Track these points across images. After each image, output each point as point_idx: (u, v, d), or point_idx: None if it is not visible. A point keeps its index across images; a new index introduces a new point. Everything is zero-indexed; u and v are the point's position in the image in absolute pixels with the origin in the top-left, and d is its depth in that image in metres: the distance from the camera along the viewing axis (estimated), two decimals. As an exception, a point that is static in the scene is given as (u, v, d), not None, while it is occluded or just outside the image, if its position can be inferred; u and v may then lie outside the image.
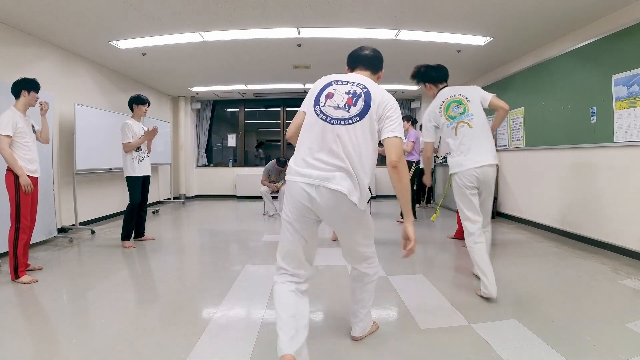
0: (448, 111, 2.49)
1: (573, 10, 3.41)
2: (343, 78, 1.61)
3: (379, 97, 1.53)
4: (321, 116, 1.52)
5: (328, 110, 1.53)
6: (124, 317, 2.12)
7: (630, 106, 3.16)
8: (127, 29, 3.88)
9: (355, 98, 1.53)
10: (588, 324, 1.93)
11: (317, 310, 2.20)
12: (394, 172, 1.49)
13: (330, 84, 1.60)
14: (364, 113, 1.50)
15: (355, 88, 1.55)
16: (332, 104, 1.53)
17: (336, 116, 1.51)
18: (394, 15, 3.63)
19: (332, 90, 1.57)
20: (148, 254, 3.57)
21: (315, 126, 1.52)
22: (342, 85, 1.57)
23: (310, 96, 1.62)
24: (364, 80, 1.59)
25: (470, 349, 1.71)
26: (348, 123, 1.49)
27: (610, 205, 3.42)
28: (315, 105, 1.56)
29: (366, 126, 1.50)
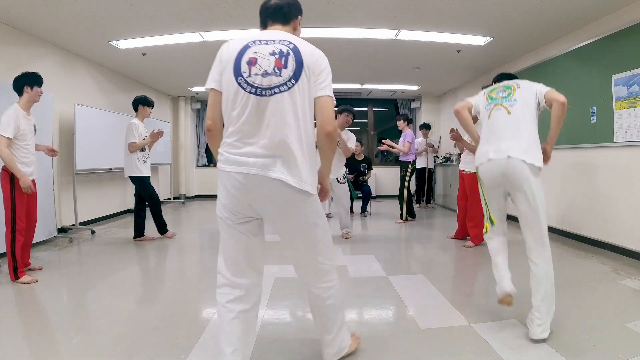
0: (492, 92, 2.05)
1: (573, 10, 3.41)
2: (260, 37, 1.32)
3: (308, 52, 1.30)
4: (249, 89, 1.23)
5: (256, 79, 1.24)
6: (124, 317, 2.12)
7: (630, 106, 3.16)
8: (127, 29, 3.88)
9: (283, 58, 1.25)
10: (588, 324, 1.93)
11: (317, 310, 2.20)
12: (327, 140, 1.30)
13: (247, 46, 1.29)
14: (298, 74, 1.25)
15: (279, 46, 1.28)
16: (258, 70, 1.24)
17: (267, 85, 1.23)
18: (394, 15, 3.63)
19: (253, 54, 1.27)
20: (148, 254, 3.57)
21: (243, 102, 1.24)
22: (263, 46, 1.28)
23: (222, 66, 1.30)
24: (285, 35, 1.34)
25: (470, 349, 1.71)
26: (284, 90, 1.23)
27: (610, 205, 3.42)
28: (238, 77, 1.25)
29: (304, 89, 1.26)
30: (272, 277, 2.76)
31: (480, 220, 3.68)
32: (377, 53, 4.86)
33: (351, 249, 3.74)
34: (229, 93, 1.27)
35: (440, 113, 7.99)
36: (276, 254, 3.53)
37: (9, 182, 2.65)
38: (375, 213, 5.84)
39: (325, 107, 1.29)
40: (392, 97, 8.12)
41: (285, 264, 3.18)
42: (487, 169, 1.98)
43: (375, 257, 3.32)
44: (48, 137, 3.90)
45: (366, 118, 8.47)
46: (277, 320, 2.08)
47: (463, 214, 3.85)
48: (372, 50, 4.77)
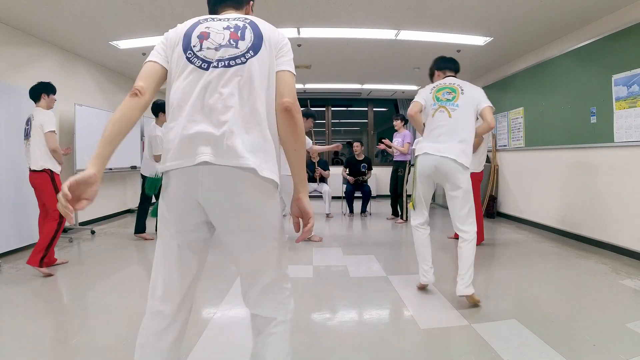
0: (438, 93, 2.36)
1: (573, 10, 3.41)
2: (214, 16, 1.22)
3: (267, 27, 1.18)
4: (199, 63, 1.08)
5: (208, 53, 1.08)
6: (124, 317, 2.12)
7: (630, 106, 3.16)
8: (127, 29, 3.88)
9: (239, 31, 1.12)
10: (588, 324, 1.93)
11: (318, 311, 2.20)
12: (285, 116, 1.07)
13: (198, 22, 1.18)
14: (257, 45, 1.10)
15: (234, 22, 1.16)
16: (211, 44, 1.09)
17: (221, 57, 1.07)
18: (394, 15, 3.63)
19: (205, 29, 1.14)
20: (148, 254, 3.57)
21: (192, 78, 1.07)
22: (216, 22, 1.16)
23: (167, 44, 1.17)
24: (240, 15, 1.23)
25: (470, 349, 1.71)
26: (241, 62, 1.07)
27: (610, 205, 3.42)
28: (187, 51, 1.10)
29: (265, 61, 1.09)
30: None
31: (479, 220, 3.69)
32: (377, 53, 4.86)
33: (351, 249, 3.74)
34: (177, 69, 1.11)
35: (440, 113, 7.98)
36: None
37: (50, 180, 2.85)
38: (375, 213, 5.84)
39: (285, 80, 1.11)
40: (392, 97, 8.11)
41: (285, 264, 3.19)
42: (423, 161, 2.34)
43: (375, 257, 3.32)
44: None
45: (366, 118, 8.47)
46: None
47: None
48: (372, 50, 4.77)
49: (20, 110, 3.52)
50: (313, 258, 3.32)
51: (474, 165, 3.66)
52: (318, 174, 5.54)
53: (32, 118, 2.89)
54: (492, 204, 5.34)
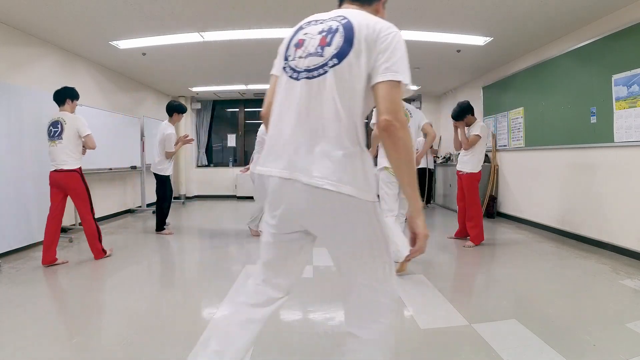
0: None
1: (573, 10, 3.41)
2: (318, 17, 1.12)
3: (365, 24, 1.02)
4: (290, 73, 1.06)
5: (298, 62, 1.05)
6: (123, 317, 2.12)
7: (630, 106, 3.16)
8: (127, 29, 3.88)
9: (330, 35, 1.03)
10: (588, 324, 1.93)
11: (318, 311, 2.20)
12: (386, 134, 0.97)
13: (300, 28, 1.12)
14: (343, 52, 1.00)
15: (330, 23, 1.05)
16: (302, 53, 1.06)
17: (306, 66, 1.03)
18: (394, 15, 3.60)
19: (303, 35, 1.09)
20: (148, 255, 3.57)
21: (284, 90, 1.07)
22: (315, 26, 1.09)
23: (279, 51, 1.17)
24: (344, 12, 1.09)
25: (470, 349, 1.71)
26: (323, 72, 1.00)
27: (610, 205, 3.42)
28: (284, 61, 1.10)
29: (350, 70, 1.00)
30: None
31: (479, 220, 3.69)
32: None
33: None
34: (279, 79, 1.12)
35: (440, 113, 7.98)
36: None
37: (81, 179, 3.11)
38: (375, 213, 5.83)
39: (385, 94, 0.98)
40: (392, 97, 8.11)
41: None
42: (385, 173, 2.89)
43: (375, 257, 3.31)
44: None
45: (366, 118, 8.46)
46: (277, 320, 2.08)
47: (463, 214, 3.85)
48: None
49: (20, 110, 3.53)
50: (313, 258, 3.32)
51: (472, 166, 3.67)
52: None
53: (64, 122, 3.07)
54: (492, 204, 5.34)
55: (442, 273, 2.97)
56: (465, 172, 3.72)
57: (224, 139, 8.82)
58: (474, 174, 3.67)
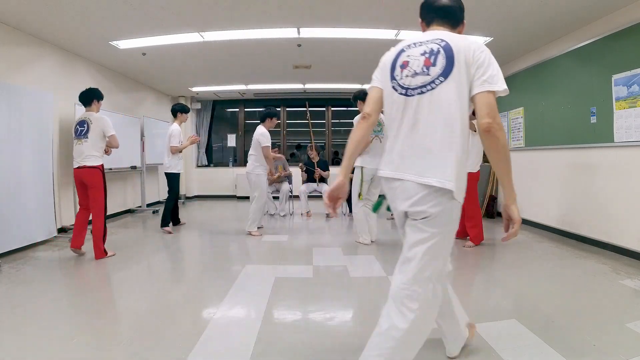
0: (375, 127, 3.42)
1: (573, 10, 3.41)
2: (415, 40, 1.34)
3: (462, 45, 1.23)
4: (400, 91, 1.28)
5: (406, 81, 1.27)
6: (124, 317, 2.12)
7: (630, 106, 3.16)
8: (127, 29, 3.88)
9: (433, 56, 1.24)
10: (588, 324, 1.93)
11: (318, 311, 2.20)
12: (486, 137, 1.18)
13: (402, 50, 1.34)
14: (448, 70, 1.21)
15: (431, 45, 1.27)
16: (409, 72, 1.27)
17: (416, 84, 1.24)
18: (394, 15, 3.63)
19: (406, 57, 1.30)
20: (148, 255, 3.57)
21: (396, 105, 1.29)
22: (416, 48, 1.30)
23: (381, 70, 1.39)
24: (440, 34, 1.30)
25: (471, 349, 1.71)
26: (432, 88, 1.22)
27: (610, 205, 3.42)
28: (392, 81, 1.31)
29: (455, 85, 1.21)
30: (272, 277, 2.76)
31: (479, 220, 3.69)
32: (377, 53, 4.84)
33: (351, 249, 3.74)
34: (386, 97, 1.35)
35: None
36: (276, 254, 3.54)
37: (102, 175, 3.30)
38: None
39: (483, 103, 1.20)
40: (392, 97, 8.11)
41: (285, 264, 3.19)
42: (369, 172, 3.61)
43: (375, 257, 3.32)
44: (48, 137, 3.90)
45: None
46: (277, 320, 2.08)
47: (463, 214, 3.84)
48: (372, 50, 4.77)
49: (20, 110, 3.52)
50: (313, 258, 3.32)
51: (470, 165, 3.67)
52: (317, 174, 5.55)
53: (90, 122, 3.25)
54: (492, 204, 5.34)
55: (442, 273, 2.97)
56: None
57: (224, 139, 8.83)
58: (472, 174, 3.67)
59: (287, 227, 4.85)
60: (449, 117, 1.20)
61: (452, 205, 1.23)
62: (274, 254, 3.51)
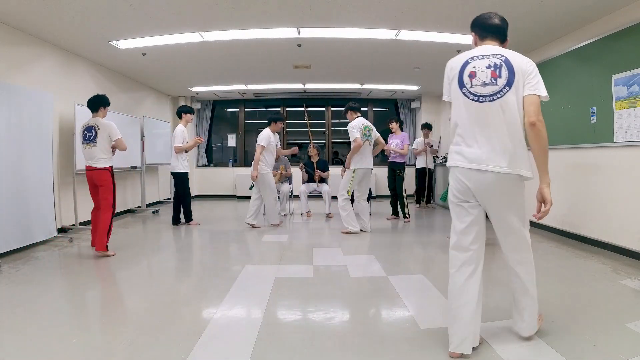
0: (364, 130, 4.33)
1: (573, 10, 3.41)
2: (477, 53, 1.62)
3: (518, 61, 1.55)
4: (472, 97, 1.55)
5: (477, 89, 1.55)
6: (124, 317, 2.12)
7: (630, 106, 3.16)
8: (127, 29, 3.88)
9: (497, 69, 1.54)
10: (588, 324, 1.93)
11: (318, 311, 2.20)
12: (531, 130, 1.50)
13: (467, 62, 1.61)
14: (511, 81, 1.52)
15: (493, 60, 1.56)
16: (478, 82, 1.55)
17: (486, 93, 1.53)
18: (394, 15, 3.63)
19: (473, 68, 1.58)
20: (148, 255, 3.57)
21: (469, 109, 1.56)
22: (480, 61, 1.58)
23: (448, 81, 1.67)
24: (498, 50, 1.61)
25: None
26: (500, 96, 1.51)
27: (610, 205, 3.42)
28: (462, 88, 1.58)
29: (516, 92, 1.52)
30: (272, 277, 2.76)
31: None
32: (377, 53, 4.86)
33: (351, 249, 3.75)
34: (457, 102, 1.61)
35: (440, 113, 7.99)
36: (276, 254, 3.54)
37: (111, 176, 3.48)
38: (375, 213, 5.84)
39: (530, 102, 1.50)
40: (392, 97, 8.12)
41: (286, 264, 3.19)
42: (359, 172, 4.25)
43: (375, 257, 3.32)
44: (48, 137, 3.90)
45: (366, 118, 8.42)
46: (277, 320, 2.08)
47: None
48: (372, 50, 4.77)
49: (20, 110, 3.52)
50: (313, 258, 3.32)
51: None
52: (317, 175, 5.55)
53: (97, 127, 3.44)
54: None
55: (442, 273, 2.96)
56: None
57: (224, 139, 8.83)
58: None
59: (287, 227, 4.85)
60: (514, 118, 1.51)
61: (522, 185, 1.59)
62: (274, 254, 3.51)
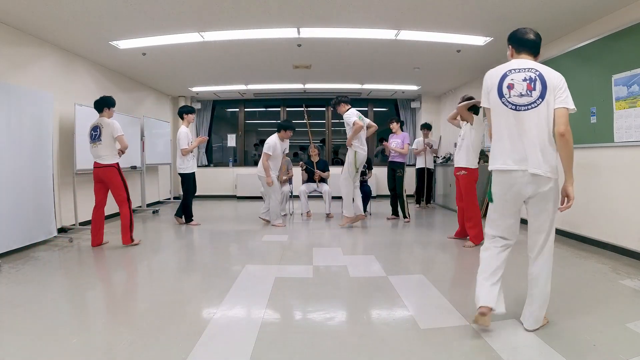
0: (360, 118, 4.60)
1: (573, 10, 3.41)
2: (514, 66, 1.82)
3: (550, 75, 1.77)
4: (510, 106, 1.78)
5: (515, 99, 1.77)
6: (123, 317, 2.12)
7: (630, 106, 3.16)
8: (127, 29, 3.88)
9: (532, 83, 1.76)
10: (588, 324, 1.93)
11: (318, 311, 2.20)
12: (561, 139, 1.71)
13: (505, 74, 1.81)
14: (544, 94, 1.74)
15: (529, 74, 1.77)
16: (515, 93, 1.77)
17: (523, 103, 1.75)
18: (394, 15, 3.63)
19: (511, 80, 1.79)
20: (148, 255, 3.57)
21: (508, 117, 1.79)
22: (517, 74, 1.79)
23: (488, 91, 1.87)
24: (533, 64, 1.81)
25: (470, 349, 1.71)
26: (534, 106, 1.74)
27: (610, 205, 3.42)
28: (501, 98, 1.80)
29: (548, 104, 1.73)
30: (272, 277, 2.76)
31: (478, 220, 3.69)
32: (377, 53, 4.86)
33: (351, 249, 3.75)
34: (496, 110, 1.83)
35: (440, 113, 7.99)
36: (276, 254, 3.54)
37: (117, 172, 3.66)
38: (375, 213, 5.84)
39: (560, 115, 1.72)
40: (392, 97, 8.12)
41: (286, 264, 3.19)
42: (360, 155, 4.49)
43: (375, 257, 3.32)
44: (48, 137, 3.90)
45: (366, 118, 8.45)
46: (277, 320, 2.08)
47: (463, 215, 3.84)
48: (372, 50, 4.77)
49: (20, 110, 3.53)
50: (313, 258, 3.32)
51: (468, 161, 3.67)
52: (317, 175, 5.55)
53: (102, 126, 3.64)
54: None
55: (442, 273, 2.97)
56: (462, 173, 3.71)
57: (224, 139, 8.83)
58: (471, 174, 3.68)
59: (287, 227, 4.85)
60: (545, 127, 1.73)
61: (556, 185, 1.77)
62: (274, 254, 3.51)
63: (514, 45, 1.95)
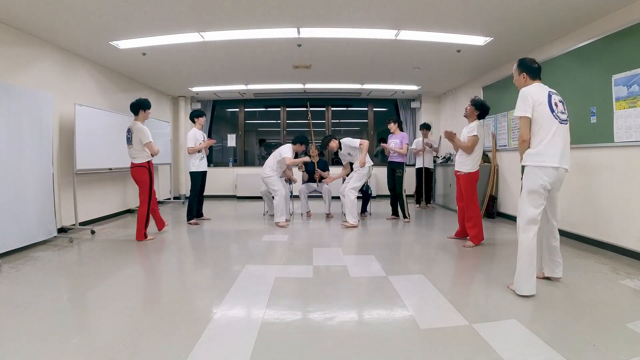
0: None
1: (573, 10, 3.41)
2: (551, 90, 2.38)
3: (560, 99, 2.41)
4: (559, 120, 2.32)
5: (560, 115, 2.34)
6: (124, 317, 2.12)
7: (630, 106, 3.16)
8: (127, 29, 3.88)
9: (562, 104, 2.39)
10: (588, 324, 1.93)
11: (318, 311, 2.20)
12: None
13: (550, 94, 2.35)
14: (568, 113, 2.41)
15: (559, 97, 2.40)
16: (559, 110, 2.34)
17: (564, 119, 2.36)
18: (394, 15, 3.63)
19: (555, 100, 2.35)
20: (149, 254, 3.57)
21: (558, 128, 2.31)
22: (556, 96, 2.38)
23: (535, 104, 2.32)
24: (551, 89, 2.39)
25: (470, 349, 1.71)
26: (567, 122, 2.38)
27: (610, 205, 3.42)
28: (552, 112, 2.32)
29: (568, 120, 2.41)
30: (272, 277, 2.76)
31: (479, 220, 3.69)
32: (377, 53, 4.86)
33: (351, 249, 3.75)
34: (544, 121, 2.31)
35: (440, 113, 7.99)
36: (276, 254, 3.54)
37: (147, 171, 3.94)
38: (375, 213, 5.84)
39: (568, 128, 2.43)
40: (392, 97, 8.12)
41: (286, 264, 3.19)
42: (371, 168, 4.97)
43: (375, 257, 3.32)
44: (48, 137, 3.90)
45: (366, 118, 8.47)
46: (277, 320, 2.08)
47: (463, 215, 3.84)
48: (372, 50, 4.77)
49: (20, 110, 3.53)
50: (313, 258, 3.32)
51: (470, 165, 3.67)
52: (317, 175, 5.55)
53: (133, 131, 3.87)
54: (492, 204, 5.34)
55: (442, 273, 2.97)
56: (463, 173, 3.71)
57: (224, 139, 8.83)
58: (471, 174, 3.67)
59: (287, 227, 4.85)
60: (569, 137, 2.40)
61: None
62: (274, 254, 3.51)
63: (527, 72, 2.43)
